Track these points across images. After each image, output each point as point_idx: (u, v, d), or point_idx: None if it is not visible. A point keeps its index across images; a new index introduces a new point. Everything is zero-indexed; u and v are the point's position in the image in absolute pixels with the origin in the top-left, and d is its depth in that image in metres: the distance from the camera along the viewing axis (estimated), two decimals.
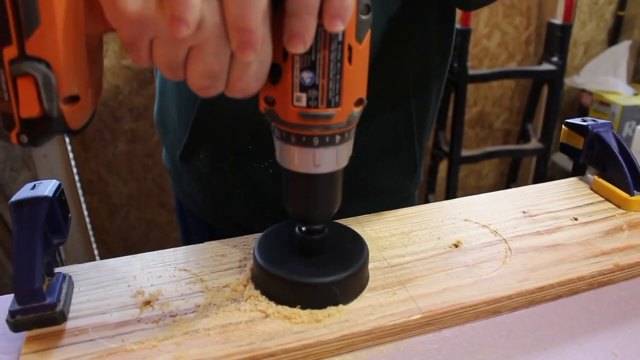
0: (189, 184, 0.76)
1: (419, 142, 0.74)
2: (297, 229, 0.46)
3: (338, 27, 0.33)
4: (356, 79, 0.37)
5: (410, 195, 0.82)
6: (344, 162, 0.41)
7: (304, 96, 0.36)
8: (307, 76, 0.36)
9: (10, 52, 0.32)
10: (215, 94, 0.36)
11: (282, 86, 0.37)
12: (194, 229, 0.85)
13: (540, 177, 2.25)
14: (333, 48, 0.35)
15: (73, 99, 0.35)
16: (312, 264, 0.45)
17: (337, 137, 0.39)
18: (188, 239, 0.88)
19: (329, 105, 0.37)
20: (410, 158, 0.74)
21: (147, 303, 0.44)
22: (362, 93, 0.39)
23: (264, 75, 0.36)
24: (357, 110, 0.39)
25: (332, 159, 0.40)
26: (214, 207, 0.75)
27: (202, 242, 0.53)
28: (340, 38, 0.35)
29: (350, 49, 0.35)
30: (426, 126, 0.74)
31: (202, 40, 0.32)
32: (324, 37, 0.34)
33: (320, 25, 0.33)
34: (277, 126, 0.39)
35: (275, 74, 0.36)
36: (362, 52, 0.36)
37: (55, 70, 0.33)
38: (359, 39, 0.35)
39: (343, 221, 0.57)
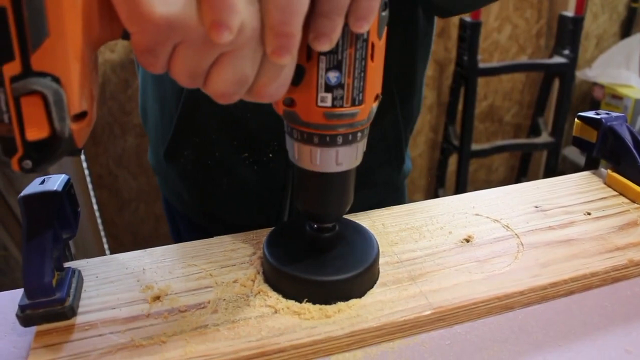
0: (175, 182, 0.75)
1: (405, 135, 0.74)
2: (307, 226, 0.46)
3: (364, 29, 0.33)
4: (376, 75, 0.37)
5: (400, 186, 0.82)
6: (360, 158, 0.41)
7: (329, 96, 0.36)
8: (333, 76, 0.35)
9: (12, 68, 0.29)
10: (236, 100, 0.35)
11: (304, 87, 0.36)
12: (184, 230, 0.84)
13: (551, 171, 2.24)
14: (359, 46, 0.35)
15: (81, 115, 0.32)
16: (322, 261, 0.45)
17: (359, 134, 0.39)
18: (179, 241, 0.88)
19: (353, 103, 0.37)
20: (397, 153, 0.74)
21: (157, 298, 0.44)
22: (379, 88, 0.39)
23: (291, 78, 0.35)
24: (375, 105, 0.39)
25: (352, 156, 0.40)
26: (201, 205, 0.75)
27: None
28: (365, 36, 0.35)
29: (372, 46, 0.35)
30: (411, 120, 0.75)
31: (237, 46, 0.31)
32: (350, 37, 0.34)
33: (345, 24, 0.33)
34: (297, 128, 0.39)
35: (297, 75, 0.36)
36: (381, 48, 0.36)
37: (65, 85, 0.30)
38: (380, 36, 0.36)
39: (352, 216, 0.56)
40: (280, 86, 0.35)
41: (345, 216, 0.54)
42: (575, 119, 0.65)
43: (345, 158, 0.40)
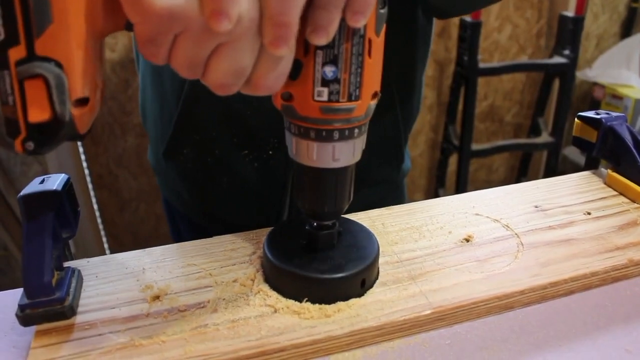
0: (175, 182, 0.75)
1: (404, 134, 0.74)
2: (307, 225, 0.46)
3: (360, 23, 0.33)
4: (374, 72, 0.37)
5: (399, 185, 0.82)
6: (358, 155, 0.42)
7: (325, 91, 0.36)
8: (329, 70, 0.36)
9: (18, 52, 0.30)
10: (234, 92, 0.35)
11: (302, 81, 0.36)
12: (184, 230, 0.84)
13: (551, 171, 2.24)
14: (355, 42, 0.35)
15: (83, 102, 0.34)
16: (322, 260, 0.45)
17: (356, 131, 0.39)
18: (179, 241, 0.88)
19: (349, 99, 0.37)
20: (397, 151, 0.75)
21: (156, 297, 0.44)
22: (378, 86, 0.39)
23: (288, 71, 0.36)
24: (373, 103, 0.39)
25: (349, 153, 0.40)
26: (201, 205, 0.75)
27: None
28: (362, 32, 0.35)
29: (370, 42, 0.36)
30: (411, 119, 0.75)
31: (235, 36, 0.31)
32: (346, 31, 0.34)
33: (342, 19, 0.33)
34: (295, 122, 0.39)
35: (294, 69, 0.36)
36: (379, 45, 0.37)
37: (67, 71, 0.31)
38: (378, 33, 0.36)
39: (352, 215, 0.56)
40: (278, 78, 0.35)
41: (344, 215, 0.54)
42: (575, 119, 0.65)
43: (342, 154, 0.40)
